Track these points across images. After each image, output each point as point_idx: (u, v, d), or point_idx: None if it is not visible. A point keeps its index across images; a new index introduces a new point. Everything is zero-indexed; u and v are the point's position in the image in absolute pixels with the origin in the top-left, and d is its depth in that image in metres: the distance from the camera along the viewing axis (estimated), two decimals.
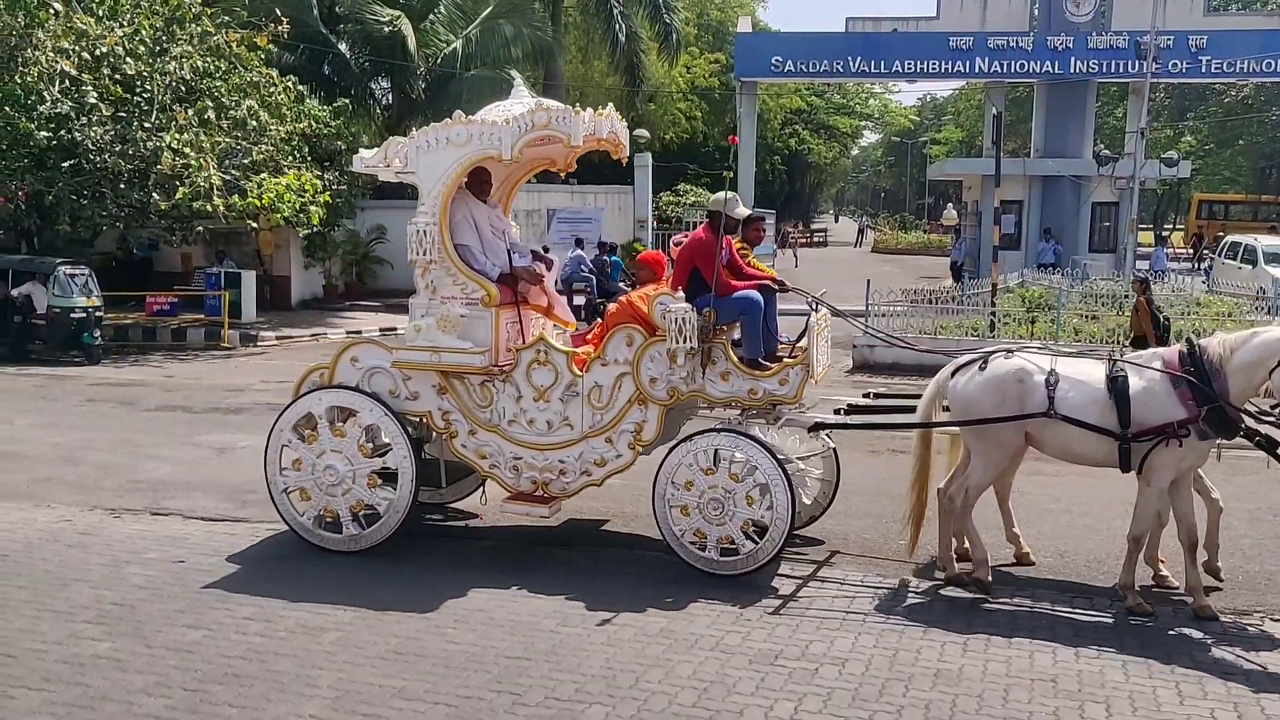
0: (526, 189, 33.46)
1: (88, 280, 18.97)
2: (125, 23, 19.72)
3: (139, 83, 19.83)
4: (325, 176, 23.85)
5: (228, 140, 20.54)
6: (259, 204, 20.27)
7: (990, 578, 7.34)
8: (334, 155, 25.68)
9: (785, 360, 7.72)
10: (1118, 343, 15.52)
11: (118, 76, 19.50)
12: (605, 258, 24.72)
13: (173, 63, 19.97)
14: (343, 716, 5.44)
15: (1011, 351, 7.50)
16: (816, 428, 8.07)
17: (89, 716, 5.43)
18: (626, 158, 8.85)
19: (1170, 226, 56.98)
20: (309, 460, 8.00)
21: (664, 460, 7.55)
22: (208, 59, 20.55)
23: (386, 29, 28.51)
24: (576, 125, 7.71)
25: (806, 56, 33.10)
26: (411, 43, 28.87)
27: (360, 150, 8.50)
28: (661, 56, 36.62)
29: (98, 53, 19.06)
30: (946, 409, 7.68)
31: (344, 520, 7.95)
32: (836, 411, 8.25)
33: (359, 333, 22.63)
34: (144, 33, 19.75)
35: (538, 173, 9.56)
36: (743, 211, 8.05)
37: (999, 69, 32.21)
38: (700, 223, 8.78)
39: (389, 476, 7.97)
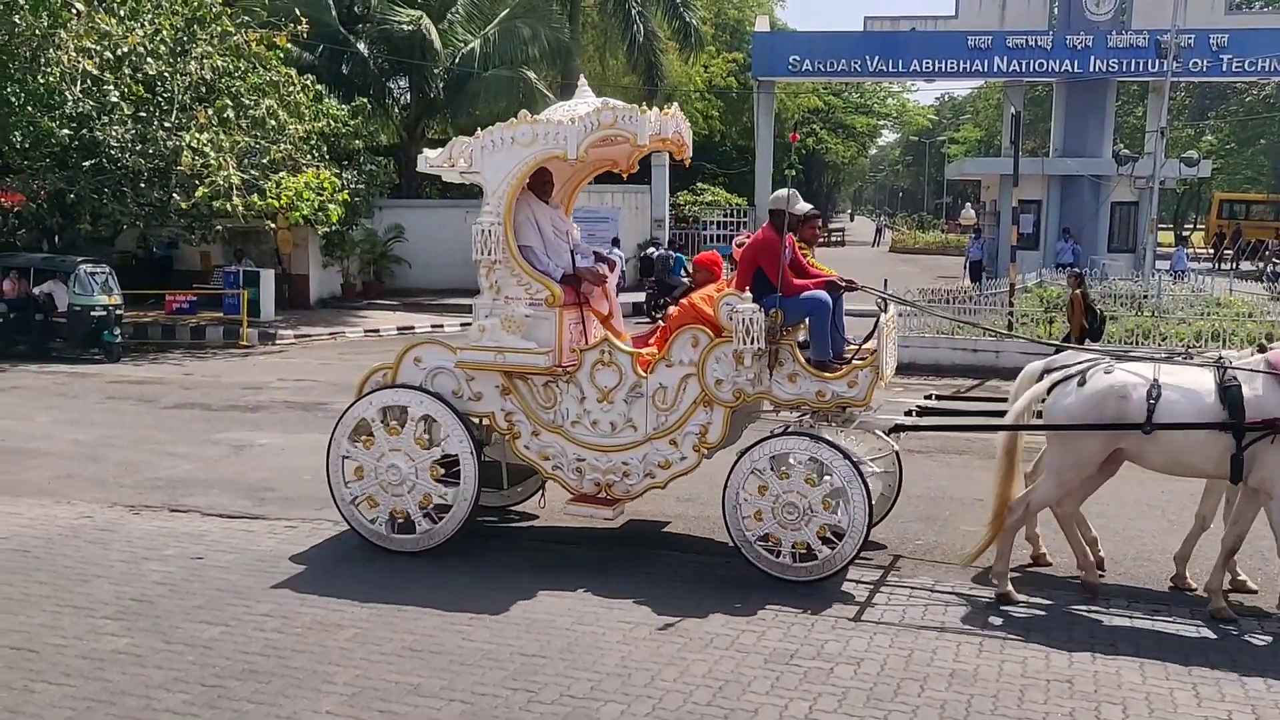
0: None
1: (108, 279, 19.11)
2: (146, 23, 19.84)
3: (160, 82, 19.97)
4: (343, 175, 23.95)
5: (247, 139, 20.65)
6: (277, 203, 20.38)
7: (1010, 588, 7.19)
8: (352, 154, 25.80)
9: (854, 362, 7.60)
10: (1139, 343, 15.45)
11: (139, 76, 19.63)
12: (668, 253, 25.57)
13: (193, 62, 20.09)
14: (359, 713, 5.47)
15: (1111, 362, 7.21)
16: (897, 429, 7.88)
17: (109, 711, 5.47)
18: (690, 158, 8.75)
19: (1191, 226, 56.71)
20: (370, 465, 7.95)
21: (736, 464, 7.43)
22: (228, 59, 20.66)
23: (406, 28, 28.61)
24: (643, 125, 7.61)
25: (824, 56, 33.02)
26: (436, 41, 28.96)
27: (425, 150, 8.47)
28: (679, 56, 36.62)
29: (119, 53, 19.18)
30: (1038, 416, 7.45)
31: (415, 518, 7.89)
32: (908, 413, 8.06)
33: (376, 331, 22.72)
34: (165, 33, 19.87)
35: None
36: (804, 207, 7.96)
37: (1018, 68, 32.06)
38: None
39: (450, 475, 7.90)
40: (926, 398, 8.61)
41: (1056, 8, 32.18)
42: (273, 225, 22.25)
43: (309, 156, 22.06)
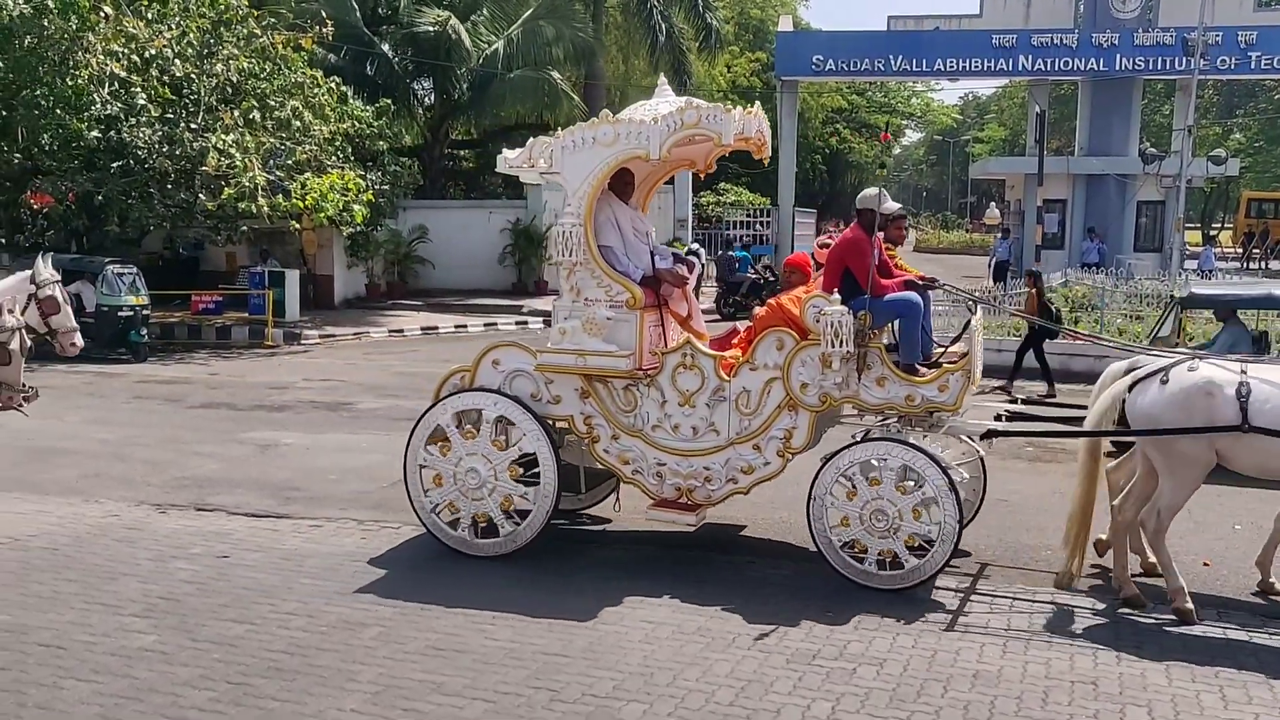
0: None
1: (135, 279, 19.28)
2: (173, 25, 20.02)
3: (186, 84, 20.15)
4: (368, 176, 24.08)
5: (272, 140, 20.80)
6: (302, 204, 20.51)
7: (1190, 604, 6.85)
8: (376, 155, 25.92)
9: (944, 365, 7.46)
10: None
11: (166, 78, 19.81)
12: (731, 253, 26.24)
13: (219, 64, 20.25)
14: (383, 711, 5.51)
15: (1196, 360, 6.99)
16: (990, 435, 7.68)
17: (136, 708, 5.53)
18: (768, 158, 8.61)
19: (1218, 225, 56.19)
20: (449, 471, 7.88)
21: (822, 469, 7.32)
22: (253, 60, 20.81)
23: (431, 29, 28.74)
24: (728, 124, 7.51)
25: (848, 55, 32.96)
26: (466, 40, 29.07)
27: (504, 150, 8.41)
28: (702, 56, 36.61)
29: (146, 55, 19.36)
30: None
31: (498, 520, 7.82)
32: (997, 418, 7.90)
33: (400, 332, 22.82)
34: (191, 35, 20.04)
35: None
36: (892, 206, 7.83)
37: (1043, 67, 31.89)
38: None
39: (529, 475, 7.82)
40: (1012, 401, 8.34)
41: (1082, 6, 31.98)
42: (298, 226, 22.39)
43: (334, 158, 22.20)
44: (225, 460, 11.17)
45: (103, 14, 18.90)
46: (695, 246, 22.96)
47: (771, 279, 24.60)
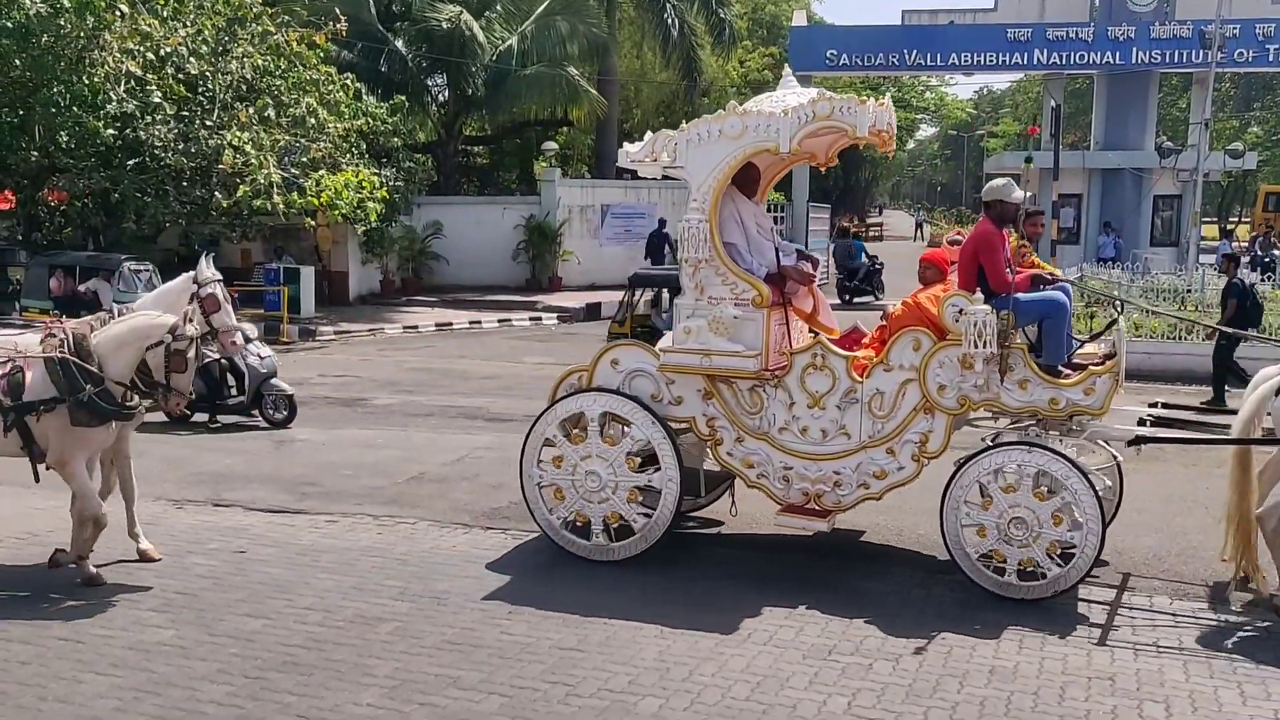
0: (581, 184, 33.71)
1: (151, 276, 19.33)
2: (188, 23, 20.11)
3: (201, 82, 20.23)
4: (382, 173, 24.12)
5: (287, 138, 20.87)
6: (317, 202, 20.56)
7: None
8: (391, 152, 25.96)
9: (1091, 368, 7.16)
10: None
11: (181, 76, 19.89)
12: (848, 240, 27.75)
13: (234, 62, 20.33)
14: (399, 705, 5.52)
15: None
16: (1138, 441, 7.33)
17: (154, 701, 5.56)
18: (893, 152, 8.40)
19: (1235, 220, 55.85)
20: (571, 460, 7.67)
21: (956, 475, 7.07)
22: (268, 58, 20.88)
23: (445, 26, 28.78)
24: (862, 115, 7.21)
25: (862, 50, 32.89)
26: (481, 36, 29.10)
27: (625, 145, 8.16)
28: (715, 51, 36.54)
29: (162, 53, 19.45)
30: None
31: (594, 530, 7.64)
32: (1141, 422, 7.53)
33: (415, 328, 22.87)
34: (206, 33, 20.12)
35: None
36: (1019, 195, 7.53)
37: (1058, 61, 31.76)
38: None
39: (647, 501, 7.64)
40: (1152, 405, 7.96)
41: None
42: (312, 223, 22.44)
43: (348, 155, 22.24)
44: (241, 455, 11.21)
45: (118, 13, 18.99)
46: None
47: (879, 267, 27.35)
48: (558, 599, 7.00)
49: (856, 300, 26.15)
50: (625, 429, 7.74)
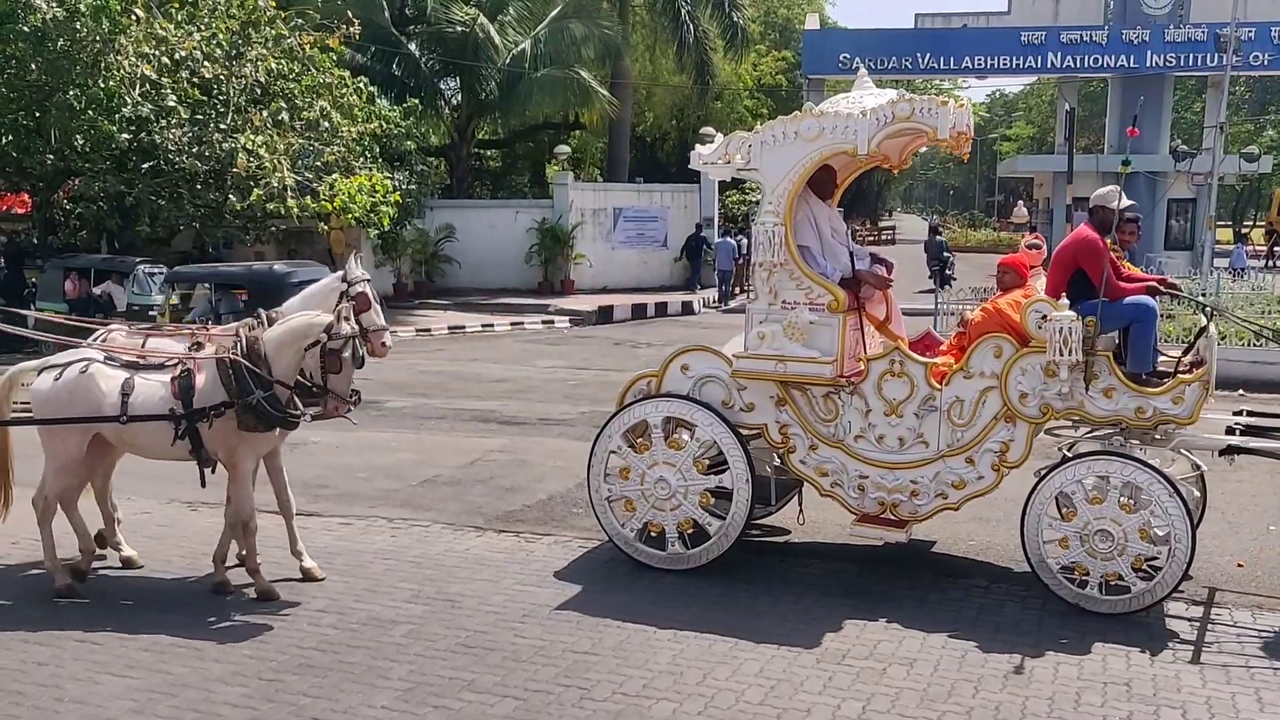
0: (593, 187, 33.74)
1: (163, 278, 19.42)
2: (203, 27, 20.18)
3: (215, 86, 20.29)
4: (395, 176, 24.17)
5: (301, 141, 20.91)
6: (330, 206, 20.61)
7: None
8: (404, 155, 26.00)
9: (1180, 376, 6.97)
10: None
11: (195, 80, 19.96)
12: (939, 237, 30.25)
13: (248, 65, 20.39)
14: (413, 708, 5.53)
15: None
16: (1231, 451, 7.08)
17: (170, 703, 5.58)
18: (969, 154, 8.22)
19: (1250, 223, 55.60)
20: (638, 470, 7.56)
21: (1038, 486, 6.93)
22: (281, 61, 20.95)
23: (459, 29, 28.85)
24: (943, 117, 7.02)
25: (875, 53, 32.83)
26: (496, 38, 29.17)
27: (697, 146, 8.04)
28: (728, 55, 36.56)
29: (177, 57, 19.53)
30: None
31: (669, 537, 7.53)
32: (1229, 431, 7.22)
33: (428, 331, 22.90)
34: (220, 36, 20.19)
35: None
36: (1125, 203, 7.36)
37: (1072, 64, 31.70)
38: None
39: (719, 505, 7.52)
40: (1237, 414, 7.65)
41: (1112, 2, 31.82)
42: (325, 226, 22.49)
43: (361, 158, 22.29)
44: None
45: (134, 16, 19.08)
46: None
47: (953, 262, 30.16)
48: (571, 602, 7.00)
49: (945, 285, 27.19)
50: (691, 434, 7.60)
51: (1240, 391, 11.82)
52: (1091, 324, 6.80)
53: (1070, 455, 7.17)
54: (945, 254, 30.36)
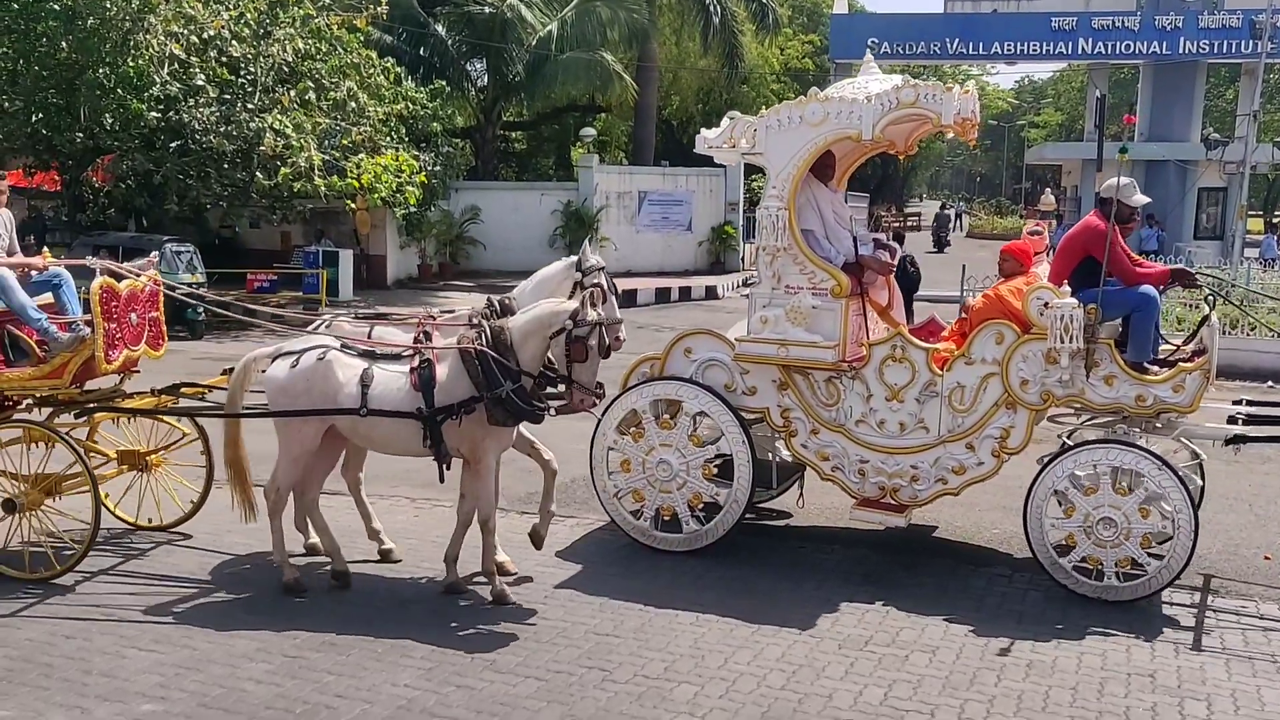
0: (618, 170, 33.63)
1: (192, 257, 19.56)
2: (231, 6, 20.23)
3: (243, 65, 20.34)
4: (421, 157, 24.20)
5: (328, 121, 20.96)
6: (357, 185, 20.66)
7: None
8: (430, 136, 26.02)
9: (1180, 364, 6.95)
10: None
11: (224, 59, 20.02)
12: (946, 211, 29.41)
13: (275, 45, 20.42)
14: (436, 687, 5.56)
15: None
16: (1237, 440, 7.10)
17: (196, 678, 5.63)
18: (976, 140, 8.19)
19: None
20: (638, 459, 7.62)
21: (1041, 475, 6.93)
22: (309, 41, 20.97)
23: (486, 10, 28.81)
24: (948, 103, 7.02)
25: (903, 38, 32.63)
26: (529, 16, 29.12)
27: (702, 130, 8.02)
28: (756, 38, 36.36)
29: (205, 36, 19.59)
30: None
31: (683, 518, 7.56)
32: (1231, 420, 7.23)
33: (452, 312, 22.92)
34: (248, 16, 20.24)
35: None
36: (1140, 199, 7.33)
37: (1103, 50, 31.37)
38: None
39: (723, 474, 7.56)
40: (1236, 403, 7.67)
41: None
42: (352, 206, 22.58)
43: (388, 139, 22.33)
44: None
45: None
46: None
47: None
48: (593, 584, 7.02)
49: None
50: (679, 411, 7.60)
51: (1270, 384, 11.76)
52: (1093, 311, 6.81)
53: (1071, 444, 7.16)
54: (948, 225, 32.04)
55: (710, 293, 26.53)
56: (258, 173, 20.23)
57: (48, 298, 7.38)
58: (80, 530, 7.15)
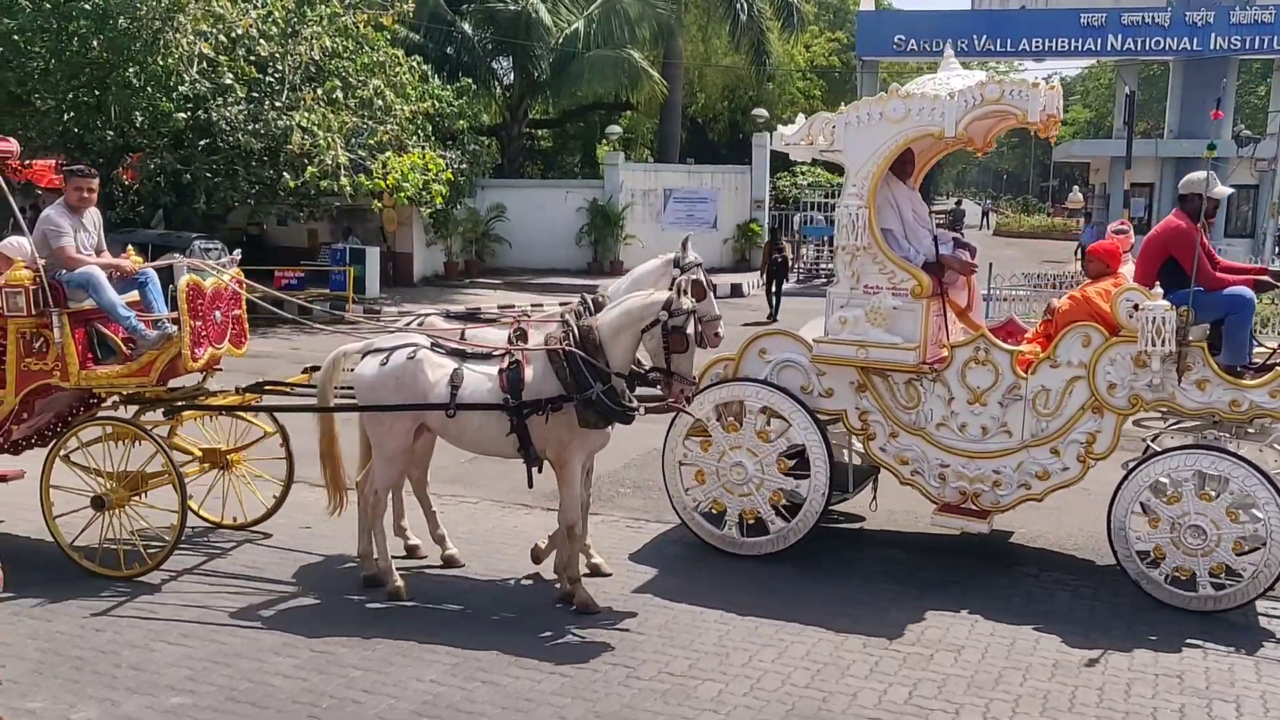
0: (644, 168, 33.59)
1: (220, 255, 19.68)
2: (259, 5, 20.36)
3: (271, 64, 20.47)
4: (447, 155, 24.28)
5: (354, 119, 21.06)
6: (384, 184, 20.76)
7: None
8: (456, 134, 26.11)
9: (1278, 369, 6.73)
10: None
11: (252, 58, 20.15)
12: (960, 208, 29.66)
13: (303, 44, 20.53)
14: (461, 682, 5.59)
15: None
16: None
17: (224, 671, 5.68)
18: (1055, 136, 7.93)
19: None
20: (711, 467, 7.53)
21: (1127, 479, 6.79)
22: (336, 39, 21.08)
23: (512, 8, 28.87)
24: (1034, 100, 6.86)
25: (930, 35, 32.42)
26: (546, 19, 29.19)
27: (779, 127, 7.83)
28: (782, 35, 36.27)
29: (234, 35, 19.73)
30: None
31: (767, 518, 7.44)
32: None
33: (479, 310, 22.99)
34: (276, 14, 20.36)
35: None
36: (1223, 191, 7.19)
37: (1133, 47, 31.11)
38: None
39: (799, 468, 7.43)
40: None
41: None
42: (379, 204, 22.67)
43: (414, 137, 22.42)
44: (306, 434, 11.32)
45: None
46: None
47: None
48: (617, 581, 7.03)
49: None
50: (777, 425, 7.51)
51: None
52: (1185, 314, 6.63)
53: (1158, 449, 6.97)
54: (962, 221, 31.76)
55: (735, 290, 26.47)
56: (284, 171, 20.36)
57: (134, 295, 7.45)
58: (164, 529, 7.16)
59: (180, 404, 7.56)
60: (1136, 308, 6.70)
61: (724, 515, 7.56)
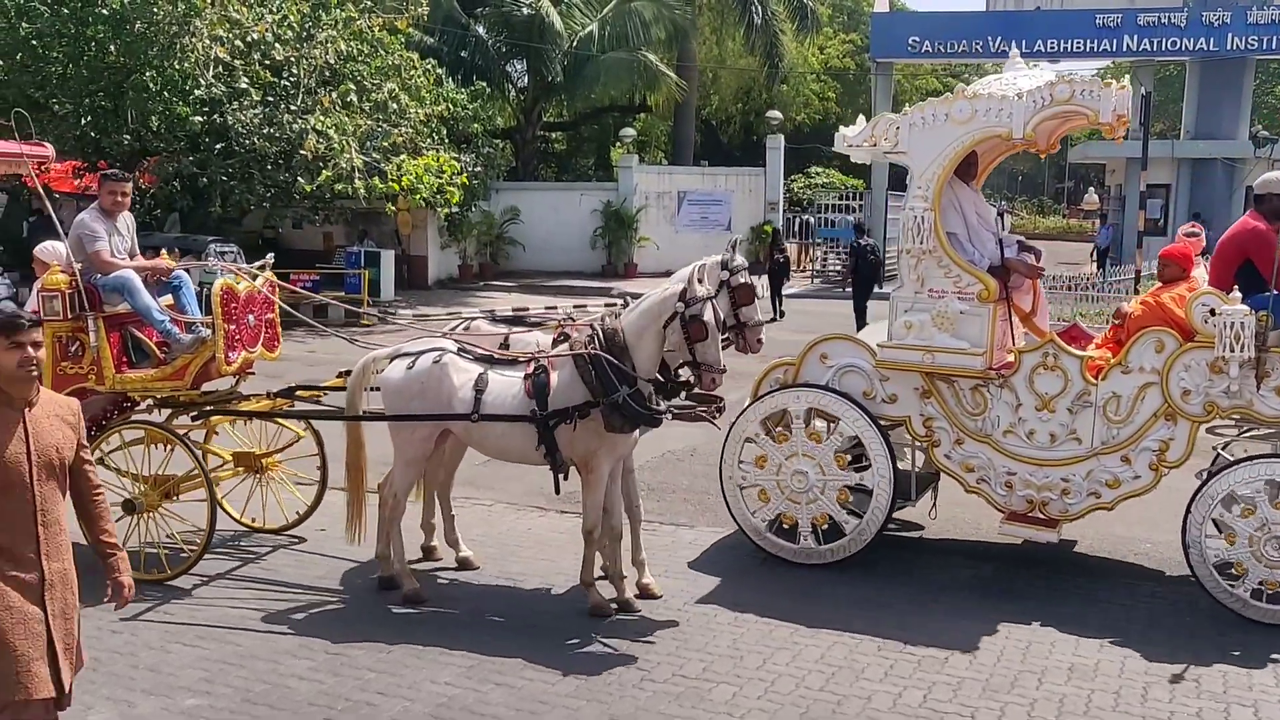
0: (658, 170, 33.59)
1: (236, 257, 19.77)
2: (274, 9, 20.46)
3: (286, 67, 20.57)
4: (461, 158, 24.36)
5: (369, 123, 21.15)
6: (398, 187, 20.83)
7: None
8: (470, 137, 26.19)
9: None
10: None
11: (267, 62, 20.26)
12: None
13: (318, 47, 20.63)
14: (476, 685, 5.60)
15: None
16: None
17: (240, 673, 5.71)
18: (1123, 138, 7.87)
19: None
20: (775, 461, 7.40)
21: (1204, 487, 6.62)
22: (351, 43, 21.18)
23: (526, 11, 28.94)
24: (1105, 100, 6.69)
25: (945, 36, 32.31)
26: (559, 22, 29.27)
27: (841, 128, 7.75)
28: (797, 37, 36.25)
29: (249, 39, 19.83)
30: None
31: (802, 531, 7.35)
32: None
33: (492, 313, 23.03)
34: (291, 18, 20.46)
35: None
36: None
37: (1149, 47, 30.89)
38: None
39: (861, 489, 7.33)
40: None
41: None
42: (393, 207, 22.75)
43: (429, 140, 22.49)
44: (341, 438, 11.35)
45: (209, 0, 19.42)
46: None
47: None
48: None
49: None
50: (832, 426, 7.44)
51: None
52: (1265, 319, 6.44)
53: (1230, 458, 6.83)
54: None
55: None
56: (299, 174, 20.45)
57: (167, 299, 7.48)
58: (193, 533, 7.18)
59: (212, 409, 7.57)
60: (1213, 312, 6.52)
61: (796, 529, 7.42)
